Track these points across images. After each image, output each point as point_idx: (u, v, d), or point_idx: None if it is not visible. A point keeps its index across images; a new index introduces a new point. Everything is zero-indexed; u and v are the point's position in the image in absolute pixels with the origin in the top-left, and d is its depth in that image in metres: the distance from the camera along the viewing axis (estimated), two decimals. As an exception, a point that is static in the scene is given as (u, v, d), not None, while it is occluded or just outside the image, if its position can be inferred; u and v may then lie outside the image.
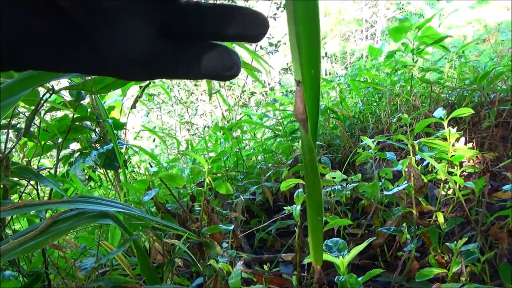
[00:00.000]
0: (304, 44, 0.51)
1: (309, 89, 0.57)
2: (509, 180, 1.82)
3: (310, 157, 0.56)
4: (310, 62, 0.55)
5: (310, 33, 0.52)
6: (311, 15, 0.52)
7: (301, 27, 0.50)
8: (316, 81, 0.57)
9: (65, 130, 1.76)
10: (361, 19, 20.04)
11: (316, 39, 0.54)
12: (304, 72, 0.54)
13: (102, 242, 1.08)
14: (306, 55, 0.54)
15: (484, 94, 2.38)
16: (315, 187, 0.59)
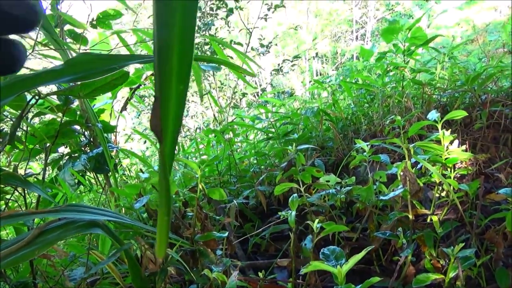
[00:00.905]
0: (176, 57, 0.49)
1: (175, 104, 0.56)
2: (502, 181, 1.82)
3: (162, 164, 0.56)
4: (180, 77, 0.54)
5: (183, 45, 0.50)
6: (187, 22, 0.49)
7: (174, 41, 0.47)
8: (183, 96, 0.56)
9: (54, 135, 1.71)
10: (351, 20, 20.15)
11: (190, 52, 0.52)
12: (172, 87, 0.53)
13: (91, 252, 1.05)
14: (177, 68, 0.52)
15: (475, 95, 2.38)
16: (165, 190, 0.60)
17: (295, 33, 18.00)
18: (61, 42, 1.69)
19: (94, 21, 2.46)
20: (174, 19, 0.45)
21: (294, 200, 1.20)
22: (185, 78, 0.46)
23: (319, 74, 16.65)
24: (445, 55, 2.77)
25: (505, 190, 1.14)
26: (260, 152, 2.24)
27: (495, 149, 2.17)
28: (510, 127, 2.26)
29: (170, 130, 0.52)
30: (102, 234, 0.98)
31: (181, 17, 0.44)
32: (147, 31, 1.96)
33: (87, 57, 0.89)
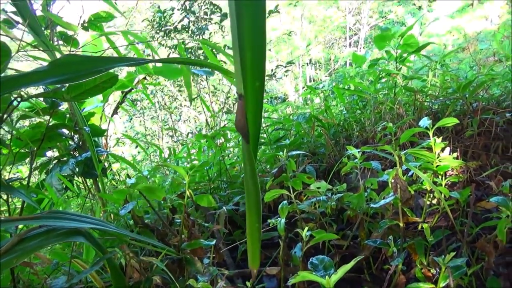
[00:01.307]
0: (249, 54, 0.47)
1: (253, 101, 0.55)
2: (493, 189, 1.81)
3: (251, 167, 0.55)
4: (255, 74, 0.52)
5: (255, 45, 0.49)
6: (257, 25, 0.48)
7: (245, 38, 0.46)
8: (260, 93, 0.54)
9: (40, 138, 1.68)
10: (344, 26, 20.31)
11: (262, 49, 0.51)
12: (248, 85, 0.52)
13: (74, 260, 1.02)
14: (251, 66, 0.51)
15: (466, 102, 2.39)
16: (255, 195, 0.58)
17: (289, 39, 18.10)
18: (49, 44, 1.66)
19: (85, 23, 2.43)
20: (248, 26, 0.44)
21: (284, 207, 1.18)
22: (261, 75, 0.45)
23: (312, 80, 16.73)
24: (437, 63, 2.78)
25: (496, 198, 1.13)
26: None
27: (486, 157, 2.17)
28: (501, 135, 2.26)
29: (253, 129, 0.50)
30: (84, 242, 0.95)
31: (252, 24, 0.43)
32: (136, 34, 1.93)
33: (74, 59, 0.87)
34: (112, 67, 0.92)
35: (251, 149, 0.57)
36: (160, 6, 7.83)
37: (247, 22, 0.48)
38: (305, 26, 19.41)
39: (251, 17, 0.48)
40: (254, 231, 0.62)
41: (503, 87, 2.80)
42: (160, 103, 8.03)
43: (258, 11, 0.48)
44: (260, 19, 0.48)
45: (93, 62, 0.84)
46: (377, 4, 21.04)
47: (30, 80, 0.85)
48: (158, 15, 7.25)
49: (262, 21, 0.48)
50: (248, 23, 0.48)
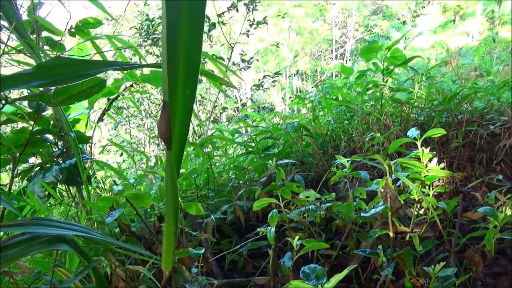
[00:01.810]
0: (183, 62, 0.47)
1: (182, 110, 0.54)
2: (478, 200, 1.84)
3: (171, 172, 0.55)
4: (187, 83, 0.52)
5: (191, 51, 0.48)
6: (195, 29, 0.47)
7: (182, 41, 0.45)
8: (189, 102, 0.54)
9: (23, 144, 1.63)
10: (331, 39, 20.63)
11: (197, 58, 0.50)
12: (179, 92, 0.51)
13: (57, 269, 0.98)
14: (183, 74, 0.50)
15: (452, 114, 2.43)
16: (173, 200, 0.58)
17: (276, 51, 18.27)
18: (36, 47, 1.63)
19: (72, 29, 2.40)
20: (182, 23, 0.42)
21: (274, 216, 1.17)
22: (192, 84, 0.44)
23: (299, 91, 16.88)
24: (422, 75, 2.83)
25: (484, 209, 1.14)
26: (239, 166, 2.20)
27: (471, 168, 2.21)
28: (485, 146, 2.31)
29: (177, 137, 0.49)
30: (68, 250, 0.92)
31: (188, 21, 0.41)
32: (122, 39, 1.91)
33: (61, 61, 0.85)
34: (100, 71, 0.90)
35: (172, 156, 0.57)
36: (148, 15, 7.81)
37: (183, 26, 0.46)
38: (292, 37, 19.65)
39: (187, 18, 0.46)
40: (171, 234, 0.64)
41: (486, 100, 2.86)
42: (147, 111, 7.97)
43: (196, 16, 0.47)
44: (198, 22, 0.47)
45: (81, 66, 0.82)
46: (362, 18, 21.48)
47: (15, 82, 0.83)
48: (146, 23, 7.22)
49: (199, 25, 0.47)
50: (184, 26, 0.46)
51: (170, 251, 0.54)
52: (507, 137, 2.27)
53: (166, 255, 0.57)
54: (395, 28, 21.42)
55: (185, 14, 0.43)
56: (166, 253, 0.56)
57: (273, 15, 16.52)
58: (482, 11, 20.36)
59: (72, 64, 0.83)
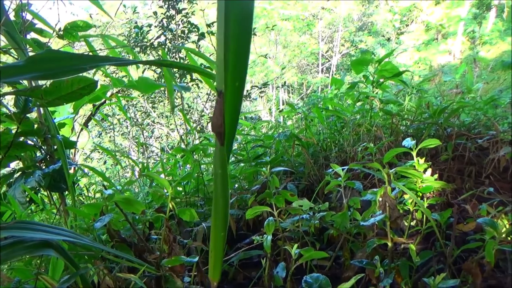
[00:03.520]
0: (232, 52, 0.44)
1: (231, 102, 0.51)
2: (469, 212, 1.84)
3: (222, 171, 0.51)
4: (236, 73, 0.49)
5: (240, 42, 0.46)
6: (244, 23, 0.45)
7: (231, 34, 0.44)
8: (239, 94, 0.51)
9: (6, 146, 1.56)
10: (317, 53, 20.93)
11: (246, 49, 0.47)
12: (228, 84, 0.48)
13: (41, 277, 0.92)
14: (232, 65, 0.47)
15: (441, 128, 2.45)
16: (224, 202, 0.54)
17: (263, 62, 18.42)
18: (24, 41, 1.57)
19: (61, 31, 2.35)
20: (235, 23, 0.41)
21: (270, 224, 1.13)
22: (242, 75, 0.41)
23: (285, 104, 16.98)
24: (413, 88, 2.86)
25: (483, 220, 1.13)
26: (230, 174, 2.16)
27: (460, 181, 2.22)
28: (473, 160, 2.33)
29: (228, 132, 0.46)
30: (54, 256, 0.86)
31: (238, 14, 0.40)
32: (117, 39, 1.87)
33: (53, 55, 0.80)
34: (95, 65, 0.86)
35: (225, 152, 0.53)
36: (137, 22, 7.77)
37: (234, 20, 0.45)
38: (279, 50, 19.85)
39: (238, 15, 0.45)
40: (219, 240, 0.58)
41: (474, 115, 2.91)
42: (133, 118, 7.86)
43: (246, 11, 0.46)
44: (248, 18, 0.45)
45: (74, 60, 0.78)
46: (349, 33, 21.91)
47: (5, 75, 0.78)
48: (135, 30, 7.18)
49: (249, 20, 0.45)
50: (235, 20, 0.45)
51: (219, 259, 0.50)
52: (495, 150, 2.30)
53: (214, 263, 0.52)
54: (380, 44, 21.89)
55: (236, 8, 0.41)
56: (215, 261, 0.51)
57: (261, 28, 16.70)
58: (463, 31, 21.01)
59: (65, 58, 0.79)
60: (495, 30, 19.36)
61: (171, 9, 6.97)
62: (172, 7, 6.94)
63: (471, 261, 1.14)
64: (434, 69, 18.20)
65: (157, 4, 7.57)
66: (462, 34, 20.91)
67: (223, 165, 0.54)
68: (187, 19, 7.06)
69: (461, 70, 4.77)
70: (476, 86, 3.60)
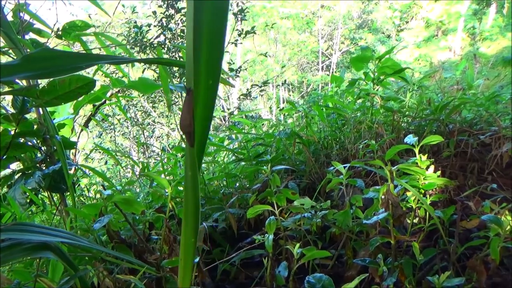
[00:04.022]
0: (205, 50, 0.43)
1: (203, 100, 0.49)
2: (471, 209, 1.82)
3: (192, 173, 0.49)
4: (209, 71, 0.47)
5: (213, 39, 0.44)
6: (218, 17, 0.44)
7: (204, 28, 0.42)
8: (212, 93, 0.49)
9: (5, 147, 1.55)
10: (317, 51, 20.90)
11: (220, 46, 0.46)
12: (201, 81, 0.46)
13: (40, 279, 0.91)
14: (206, 62, 0.45)
15: (443, 124, 2.44)
16: (194, 206, 0.52)
17: (263, 61, 18.39)
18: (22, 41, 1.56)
19: (59, 31, 2.33)
20: (205, 10, 0.39)
21: (272, 223, 1.12)
22: (215, 73, 0.39)
23: (285, 102, 16.97)
24: (414, 85, 2.85)
25: (488, 216, 1.11)
26: (231, 173, 2.15)
27: (463, 177, 2.20)
28: (476, 156, 2.31)
29: (200, 132, 0.44)
30: (53, 258, 0.85)
31: (212, 7, 0.38)
32: (110, 36, 1.85)
33: (49, 53, 0.78)
34: (91, 64, 0.84)
35: (195, 153, 0.51)
36: (136, 22, 7.76)
37: (206, 12, 0.43)
38: (279, 49, 19.83)
39: (211, 8, 0.43)
40: (189, 246, 0.55)
41: (475, 111, 2.89)
42: (133, 118, 7.85)
43: (219, 4, 0.44)
44: (221, 11, 0.43)
45: (71, 58, 0.76)
46: (348, 31, 21.86)
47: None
48: (134, 30, 7.16)
49: (223, 14, 0.43)
50: (207, 13, 0.43)
51: (188, 266, 0.48)
52: (498, 147, 2.28)
53: (183, 270, 0.50)
54: (380, 41, 21.85)
55: (208, 1, 0.39)
56: (184, 269, 0.49)
57: (261, 26, 16.67)
58: (463, 27, 20.97)
59: (61, 56, 0.77)
60: (495, 26, 19.31)
61: (170, 8, 6.95)
62: (171, 6, 6.93)
63: (475, 258, 1.13)
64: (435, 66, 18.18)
65: (156, 3, 7.55)
66: (462, 30, 20.86)
67: (193, 167, 0.52)
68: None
69: (462, 66, 4.75)
70: (477, 82, 3.58)
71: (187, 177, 0.48)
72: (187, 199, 0.48)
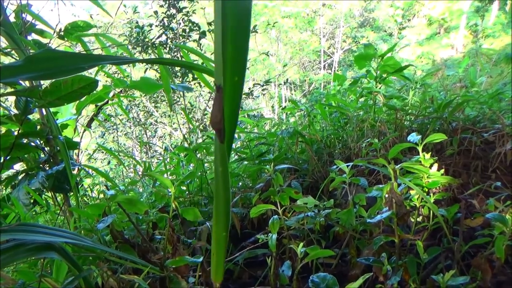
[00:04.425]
0: (230, 47, 0.43)
1: (230, 97, 0.49)
2: (475, 207, 1.81)
3: (223, 169, 0.49)
4: (234, 68, 0.47)
5: (238, 36, 0.44)
6: (242, 16, 0.44)
7: (229, 27, 0.42)
8: (238, 89, 0.49)
9: (8, 148, 1.56)
10: (319, 50, 20.87)
11: (244, 43, 0.46)
12: (227, 79, 0.46)
13: (44, 279, 0.91)
14: (231, 59, 0.45)
15: (446, 122, 2.43)
16: (225, 201, 0.52)
17: (265, 60, 18.37)
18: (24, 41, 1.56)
19: (61, 32, 2.34)
20: (233, 16, 0.40)
21: (275, 222, 1.12)
22: (241, 69, 0.39)
23: (287, 101, 16.96)
24: (416, 83, 2.84)
25: (492, 215, 1.11)
26: (234, 173, 2.15)
27: (466, 175, 2.19)
28: (479, 154, 2.30)
29: (228, 128, 0.44)
30: (57, 258, 0.85)
31: (237, 14, 0.39)
32: (110, 36, 1.86)
33: (51, 54, 0.78)
34: (93, 65, 0.84)
35: (225, 149, 0.51)
36: (138, 22, 7.77)
37: (231, 13, 0.43)
38: (280, 48, 19.81)
39: (236, 9, 0.44)
40: (221, 240, 0.57)
41: (478, 109, 2.88)
42: (136, 118, 7.86)
43: (243, 5, 0.44)
44: (245, 11, 0.44)
45: (73, 59, 0.76)
46: (350, 29, 21.82)
47: (2, 76, 0.76)
48: (136, 30, 7.17)
49: (247, 14, 0.44)
50: (232, 14, 0.43)
51: (221, 260, 0.48)
52: (501, 144, 2.27)
53: (216, 264, 0.51)
54: (382, 39, 21.80)
55: (233, 2, 0.40)
56: (217, 262, 0.49)
57: (263, 25, 16.65)
58: (466, 24, 20.89)
59: (63, 57, 0.77)
60: (497, 23, 19.23)
61: (171, 8, 6.95)
62: (172, 6, 6.93)
63: (480, 257, 1.12)
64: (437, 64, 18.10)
65: (157, 3, 7.56)
66: (465, 28, 20.78)
67: (224, 162, 0.53)
68: (188, 17, 7.04)
69: (464, 64, 4.73)
70: (480, 80, 3.56)
71: (218, 173, 0.48)
72: (218, 194, 0.49)
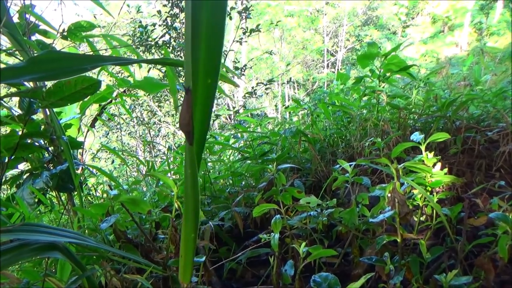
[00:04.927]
0: (204, 47, 0.43)
1: (202, 99, 0.49)
2: (479, 206, 1.81)
3: (192, 171, 0.49)
4: (208, 70, 0.47)
5: (211, 38, 0.44)
6: (216, 15, 0.44)
7: (203, 27, 0.42)
8: (211, 92, 0.49)
9: (12, 148, 1.57)
10: (322, 49, 20.82)
11: (218, 44, 0.46)
12: (199, 81, 0.46)
13: (48, 279, 0.92)
14: (204, 60, 0.45)
15: (450, 121, 2.42)
16: (194, 203, 0.52)
17: (268, 59, 18.35)
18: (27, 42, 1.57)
19: (65, 32, 2.34)
20: (203, 15, 0.39)
21: (277, 222, 1.12)
22: (214, 72, 0.39)
23: (291, 100, 16.94)
24: (420, 81, 2.82)
25: (496, 214, 1.11)
26: (237, 172, 2.15)
27: (470, 175, 2.18)
28: (483, 153, 2.29)
29: (199, 130, 0.44)
30: (61, 258, 0.86)
31: (211, 14, 0.38)
32: (119, 38, 1.86)
33: (54, 55, 0.79)
34: (96, 65, 0.84)
35: (194, 152, 0.51)
36: (141, 21, 7.78)
37: (205, 10, 0.43)
38: (284, 47, 19.78)
39: (209, 7, 0.43)
40: (190, 241, 0.57)
41: (482, 107, 2.86)
42: (139, 118, 7.89)
43: (217, 2, 0.44)
44: (219, 10, 0.43)
45: (76, 60, 0.77)
46: (353, 28, 21.75)
47: (6, 77, 0.77)
48: (139, 30, 7.19)
49: (222, 12, 0.43)
50: (206, 11, 0.43)
51: (189, 261, 0.49)
52: (506, 143, 2.26)
53: (184, 265, 0.51)
54: (386, 38, 21.71)
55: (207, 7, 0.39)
56: (185, 263, 0.50)
57: (266, 24, 16.64)
58: (470, 22, 20.76)
59: (66, 58, 0.78)
60: (502, 21, 19.09)
61: (175, 7, 6.96)
62: (175, 6, 6.94)
63: (483, 256, 1.12)
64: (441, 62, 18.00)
65: (160, 3, 7.58)
66: (469, 25, 20.65)
67: (193, 165, 0.53)
68: (191, 17, 7.04)
69: (469, 62, 4.70)
70: (484, 78, 3.54)
71: (187, 175, 0.49)
72: (187, 196, 0.49)
